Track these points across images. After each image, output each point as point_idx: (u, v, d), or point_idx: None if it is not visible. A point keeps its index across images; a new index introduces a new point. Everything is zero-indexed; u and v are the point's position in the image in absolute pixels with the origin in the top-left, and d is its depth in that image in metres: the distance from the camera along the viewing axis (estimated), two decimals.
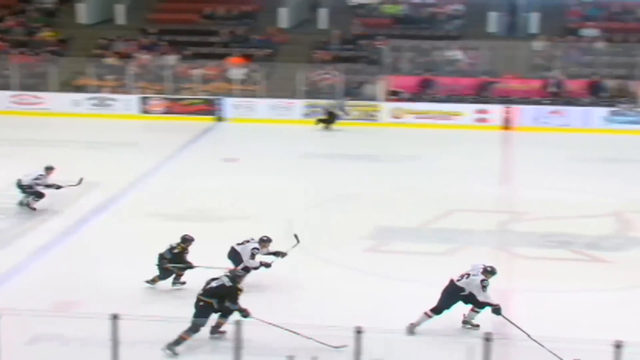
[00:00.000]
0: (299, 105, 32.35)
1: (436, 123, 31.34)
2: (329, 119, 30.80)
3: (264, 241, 15.79)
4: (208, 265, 15.20)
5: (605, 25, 35.41)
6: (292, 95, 32.62)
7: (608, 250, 18.63)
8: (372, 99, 32.33)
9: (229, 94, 33.14)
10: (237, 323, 11.66)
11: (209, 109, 32.63)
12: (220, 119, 32.38)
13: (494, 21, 36.29)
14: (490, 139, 29.36)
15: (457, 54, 34.15)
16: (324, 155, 27.12)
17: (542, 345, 12.45)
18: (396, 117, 31.53)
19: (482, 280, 13.75)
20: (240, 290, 13.55)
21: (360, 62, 34.24)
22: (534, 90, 32.30)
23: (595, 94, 31.84)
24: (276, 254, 15.97)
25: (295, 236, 16.55)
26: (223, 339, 13.47)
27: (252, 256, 15.53)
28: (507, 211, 21.20)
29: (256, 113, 32.38)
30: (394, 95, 32.31)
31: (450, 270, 17.02)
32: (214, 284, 13.58)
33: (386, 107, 31.92)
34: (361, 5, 38.28)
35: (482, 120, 31.42)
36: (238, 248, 15.73)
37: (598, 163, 26.27)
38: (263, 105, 32.50)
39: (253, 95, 33.01)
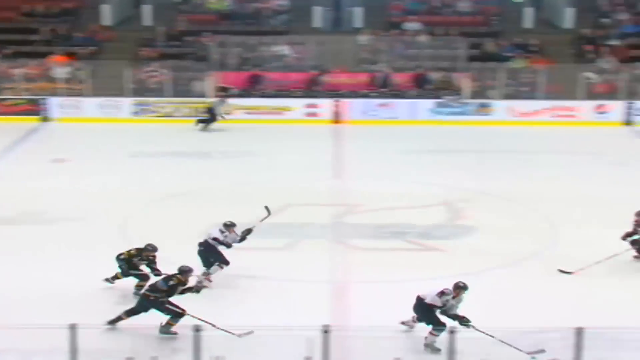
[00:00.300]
0: (127, 103, 31.80)
1: (267, 118, 31.31)
2: (209, 118, 30.32)
3: (228, 225, 16.20)
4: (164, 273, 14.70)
5: (427, 19, 36.17)
6: (120, 93, 32.03)
7: (440, 238, 19.13)
8: (201, 95, 32.08)
9: (54, 93, 32.23)
10: (71, 326, 11.42)
11: (34, 109, 31.64)
12: (46, 119, 31.49)
13: (319, 16, 36.60)
14: (321, 133, 29.59)
15: (284, 49, 34.26)
16: (154, 153, 26.75)
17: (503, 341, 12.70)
18: (226, 114, 31.36)
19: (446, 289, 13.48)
20: (181, 281, 13.89)
21: (188, 58, 33.86)
22: (362, 83, 32.75)
23: (421, 87, 32.52)
24: (243, 234, 16.27)
25: (266, 208, 16.86)
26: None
27: (221, 233, 15.98)
28: (341, 204, 21.44)
29: (83, 112, 31.57)
30: (223, 91, 32.15)
31: (289, 264, 17.22)
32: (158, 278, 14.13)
33: None
34: (185, 1, 37.97)
35: (312, 114, 31.61)
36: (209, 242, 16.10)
37: (427, 154, 26.82)
38: (90, 104, 31.71)
39: (79, 94, 32.20)
